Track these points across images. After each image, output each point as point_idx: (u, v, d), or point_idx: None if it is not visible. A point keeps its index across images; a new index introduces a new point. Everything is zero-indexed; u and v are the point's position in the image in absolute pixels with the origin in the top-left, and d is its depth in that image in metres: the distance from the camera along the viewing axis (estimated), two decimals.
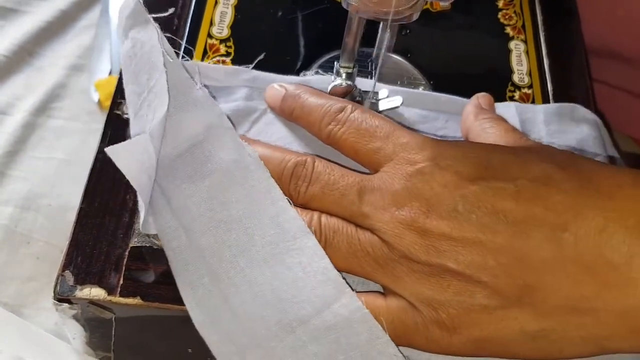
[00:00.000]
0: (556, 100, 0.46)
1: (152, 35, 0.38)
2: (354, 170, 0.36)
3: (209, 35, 0.46)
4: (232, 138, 0.36)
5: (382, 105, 0.42)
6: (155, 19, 0.38)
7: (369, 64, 0.45)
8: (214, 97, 0.39)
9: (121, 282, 0.35)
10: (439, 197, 0.32)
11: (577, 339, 0.31)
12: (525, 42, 0.48)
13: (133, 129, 0.38)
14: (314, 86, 0.42)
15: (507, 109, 0.43)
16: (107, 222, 0.37)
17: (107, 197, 0.38)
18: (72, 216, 0.37)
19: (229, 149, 0.36)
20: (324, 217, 0.34)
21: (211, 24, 0.46)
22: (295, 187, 0.35)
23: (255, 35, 0.46)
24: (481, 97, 0.42)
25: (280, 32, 0.47)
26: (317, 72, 0.45)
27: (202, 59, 0.44)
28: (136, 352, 0.41)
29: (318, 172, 0.35)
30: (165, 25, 0.46)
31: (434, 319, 0.32)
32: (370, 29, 0.39)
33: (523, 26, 0.49)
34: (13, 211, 0.49)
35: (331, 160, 0.37)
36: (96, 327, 0.37)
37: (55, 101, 0.55)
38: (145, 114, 0.37)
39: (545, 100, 0.46)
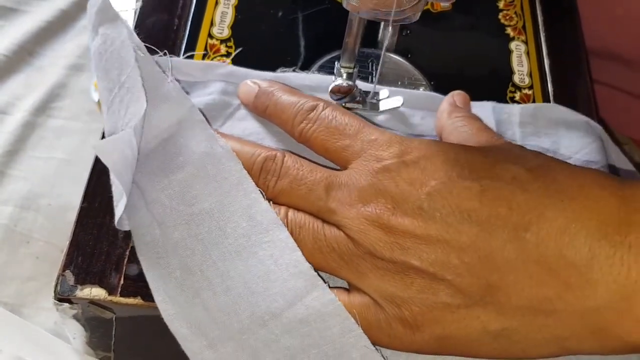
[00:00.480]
0: (556, 101, 0.46)
1: (121, 31, 0.38)
2: (326, 167, 0.36)
3: (210, 36, 0.46)
4: (203, 130, 0.37)
5: (383, 106, 0.42)
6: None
7: (370, 64, 0.45)
8: (186, 91, 0.40)
9: (122, 282, 0.35)
10: (405, 194, 0.32)
11: (540, 340, 0.31)
12: (525, 42, 0.48)
13: (106, 125, 0.38)
14: (291, 82, 0.42)
15: (483, 109, 0.43)
16: (107, 221, 0.37)
17: (107, 196, 0.37)
18: (72, 216, 0.37)
19: (200, 142, 0.36)
20: (290, 212, 0.34)
21: (212, 24, 0.46)
22: (264, 181, 0.35)
23: (256, 36, 0.47)
24: (456, 95, 0.42)
25: (280, 33, 0.47)
26: (318, 72, 0.45)
27: (203, 59, 0.44)
28: (136, 352, 0.41)
29: (287, 166, 0.35)
30: (166, 26, 0.46)
31: (397, 316, 0.32)
32: (371, 29, 0.39)
33: (524, 27, 0.49)
34: (13, 211, 0.49)
35: (303, 156, 0.37)
36: (96, 327, 0.37)
37: (55, 101, 0.55)
38: (118, 110, 0.37)
39: (546, 100, 0.46)
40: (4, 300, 0.45)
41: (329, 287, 0.33)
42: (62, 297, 0.35)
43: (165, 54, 0.40)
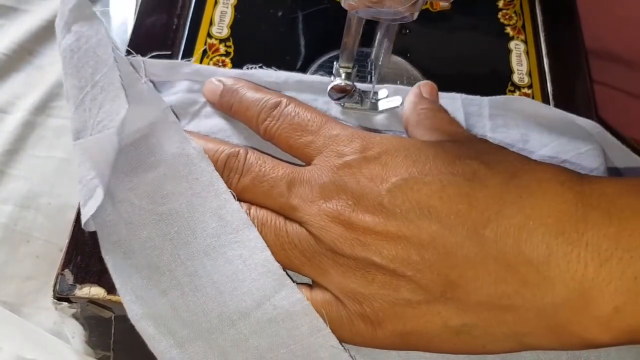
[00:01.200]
0: (555, 101, 0.46)
1: (98, 29, 0.38)
2: (294, 164, 0.36)
3: (209, 35, 0.46)
4: (176, 131, 0.37)
5: (382, 105, 0.42)
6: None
7: (368, 64, 0.45)
8: (159, 91, 0.40)
9: None
10: (365, 190, 0.32)
11: (499, 335, 0.31)
12: (525, 42, 0.48)
13: (73, 122, 0.38)
14: (259, 79, 0.42)
15: (453, 101, 0.43)
16: None
17: None
18: (71, 215, 0.37)
19: (173, 143, 0.36)
20: (253, 209, 0.35)
21: (211, 23, 0.46)
22: (227, 178, 0.35)
23: (255, 35, 0.47)
24: (422, 85, 0.41)
25: (280, 32, 0.47)
26: (318, 72, 0.45)
27: (202, 59, 0.45)
28: (135, 351, 0.41)
29: (250, 163, 0.35)
30: (166, 25, 0.46)
31: (359, 312, 0.32)
32: (370, 28, 0.39)
33: (523, 26, 0.49)
34: (13, 210, 0.49)
35: (269, 154, 0.37)
36: (95, 326, 0.37)
37: (55, 100, 0.55)
38: (89, 108, 0.37)
39: (545, 100, 0.46)
40: (4, 300, 0.45)
41: (297, 285, 0.33)
42: (61, 296, 0.35)
43: (132, 55, 0.40)
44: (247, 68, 0.43)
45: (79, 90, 0.38)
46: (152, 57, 0.42)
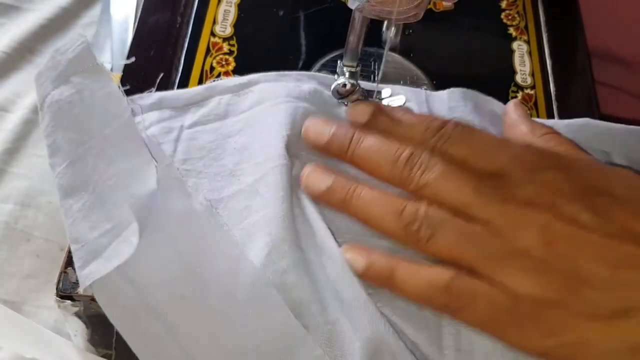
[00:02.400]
0: (558, 101, 0.46)
1: (106, 82, 0.37)
2: None
3: (212, 34, 0.46)
4: (180, 189, 0.36)
5: (385, 104, 0.42)
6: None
7: (372, 63, 0.45)
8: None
9: None
10: (562, 198, 0.32)
11: None
12: (528, 42, 0.48)
13: (65, 177, 0.36)
14: (225, 87, 0.41)
15: (417, 95, 0.43)
16: None
17: None
18: None
19: (178, 200, 0.35)
20: (432, 209, 0.34)
21: (214, 22, 0.46)
22: (409, 174, 0.34)
23: (258, 34, 0.47)
24: (517, 106, 0.41)
25: (283, 31, 0.47)
26: (321, 71, 0.45)
27: (205, 58, 0.45)
28: None
29: (434, 161, 0.34)
30: (169, 24, 0.46)
31: (532, 315, 0.31)
32: (374, 28, 0.39)
33: (526, 27, 0.49)
34: (13, 208, 0.48)
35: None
36: (98, 324, 0.37)
37: None
38: (93, 163, 0.36)
39: (548, 100, 0.46)
40: (4, 298, 0.44)
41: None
42: (64, 295, 0.35)
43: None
44: (213, 80, 0.43)
45: (76, 144, 0.36)
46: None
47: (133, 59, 0.42)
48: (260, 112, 0.40)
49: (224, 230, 0.35)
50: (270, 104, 0.40)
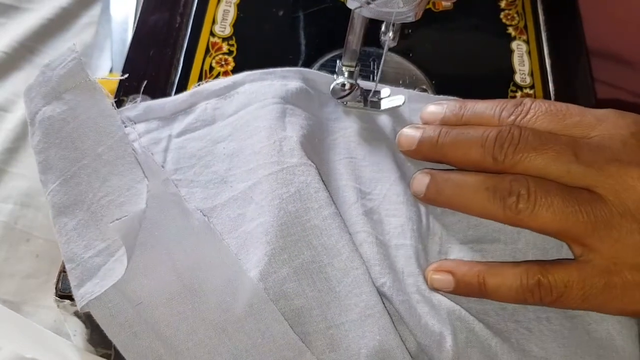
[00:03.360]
0: (557, 100, 0.46)
1: (99, 99, 0.37)
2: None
3: (212, 34, 0.46)
4: (178, 204, 0.36)
5: (384, 104, 0.42)
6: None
7: (371, 63, 0.45)
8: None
9: None
10: None
11: None
12: (527, 42, 0.48)
13: (57, 195, 0.36)
14: (210, 91, 0.41)
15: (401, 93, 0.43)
16: None
17: None
18: None
19: (175, 215, 0.35)
20: (531, 181, 0.33)
21: (214, 22, 0.46)
22: (500, 151, 0.34)
23: (258, 34, 0.47)
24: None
25: (282, 31, 0.47)
26: (319, 71, 0.45)
27: (205, 57, 0.45)
28: None
29: (526, 135, 0.34)
30: (168, 24, 0.46)
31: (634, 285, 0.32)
32: (373, 28, 0.39)
33: (525, 27, 0.49)
34: (13, 208, 0.48)
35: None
36: (97, 324, 0.37)
37: None
38: (87, 182, 0.35)
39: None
40: (4, 298, 0.45)
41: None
42: (64, 294, 0.35)
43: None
44: (197, 85, 0.42)
45: (70, 162, 0.36)
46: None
47: (127, 75, 0.41)
48: (247, 115, 0.40)
49: (222, 246, 0.35)
50: (257, 105, 0.40)
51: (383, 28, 0.41)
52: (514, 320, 0.36)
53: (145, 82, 0.42)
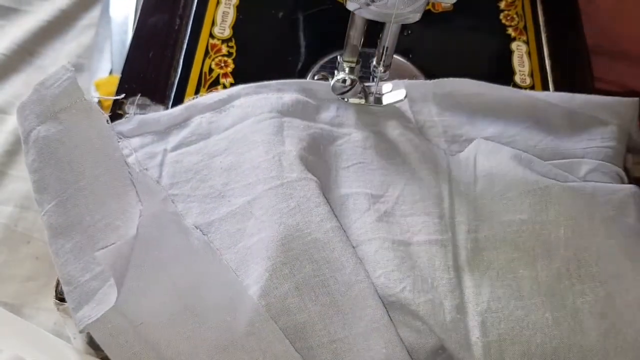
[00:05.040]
0: None
1: (95, 120, 0.36)
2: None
3: (211, 35, 0.46)
4: (177, 223, 0.36)
5: (386, 100, 0.42)
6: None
7: (371, 65, 0.45)
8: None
9: None
10: None
11: None
12: (527, 43, 0.48)
13: (53, 217, 0.35)
14: (204, 105, 0.40)
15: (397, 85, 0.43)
16: None
17: None
18: None
19: (175, 235, 0.35)
20: None
21: (213, 24, 0.46)
22: None
23: (257, 36, 0.47)
24: None
25: (281, 33, 0.47)
26: (319, 72, 0.45)
27: (204, 59, 0.44)
28: None
29: None
30: (168, 25, 0.46)
31: None
32: (373, 28, 0.39)
33: (525, 27, 0.49)
34: (13, 210, 0.48)
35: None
36: None
37: None
38: (84, 204, 0.35)
39: None
40: (4, 300, 0.45)
41: None
42: (64, 297, 0.35)
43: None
44: (190, 99, 0.42)
45: (66, 183, 0.35)
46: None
47: (123, 95, 0.41)
48: (244, 129, 0.39)
49: (222, 265, 0.34)
50: (253, 120, 0.39)
51: (374, 62, 0.41)
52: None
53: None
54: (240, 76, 0.44)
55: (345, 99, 0.42)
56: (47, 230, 0.35)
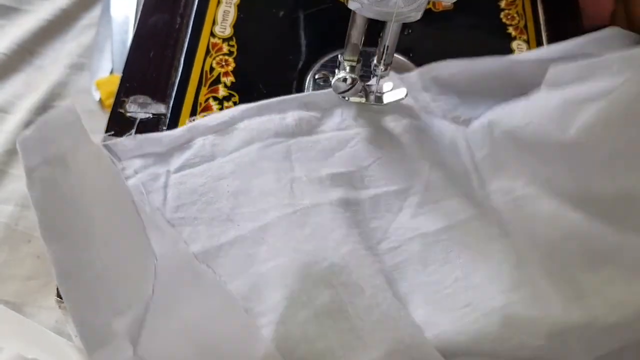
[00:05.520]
0: None
1: (106, 165, 0.36)
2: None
3: (212, 34, 0.46)
4: (187, 263, 0.35)
5: (387, 98, 0.42)
6: None
7: (372, 64, 0.45)
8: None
9: None
10: None
11: None
12: (527, 42, 0.48)
13: (68, 257, 0.34)
14: (206, 127, 0.40)
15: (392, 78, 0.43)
16: None
17: None
18: None
19: (186, 276, 0.35)
20: None
21: (214, 22, 0.46)
22: None
23: (258, 35, 0.47)
24: None
25: (282, 32, 0.47)
26: (319, 71, 0.45)
27: (205, 58, 0.45)
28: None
29: None
30: (169, 24, 0.46)
31: None
32: (374, 27, 0.39)
33: (525, 26, 0.49)
34: (14, 209, 0.48)
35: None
36: None
37: (56, 100, 0.55)
38: (94, 245, 0.34)
39: None
40: (5, 299, 0.45)
41: None
42: None
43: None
44: (190, 120, 0.41)
45: (73, 223, 0.35)
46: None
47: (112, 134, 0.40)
48: (250, 154, 0.39)
49: (236, 306, 0.34)
50: (259, 145, 0.39)
51: (375, 61, 0.41)
52: None
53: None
54: (241, 75, 0.44)
55: (346, 98, 0.42)
56: (55, 269, 0.34)
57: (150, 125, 0.41)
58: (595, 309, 0.34)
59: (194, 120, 0.41)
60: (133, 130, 0.40)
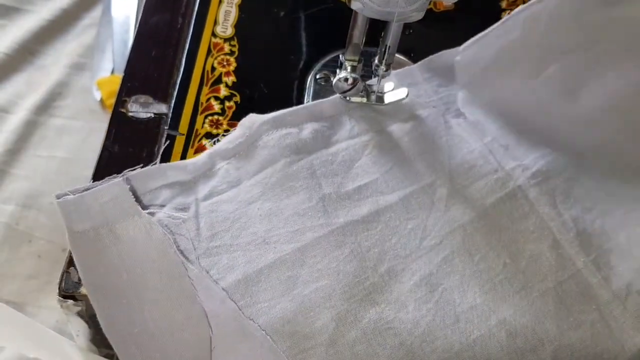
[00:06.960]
0: None
1: (157, 237, 0.35)
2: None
3: (213, 34, 0.46)
4: (236, 320, 0.35)
5: (388, 98, 0.42)
6: None
7: (373, 65, 0.45)
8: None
9: None
10: None
11: None
12: None
13: (123, 320, 0.34)
14: (219, 151, 0.40)
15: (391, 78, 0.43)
16: None
17: None
18: None
19: (236, 337, 0.35)
20: None
21: (215, 22, 0.47)
22: None
23: (259, 34, 0.47)
24: None
25: (283, 32, 0.47)
26: (321, 70, 0.45)
27: (207, 58, 0.45)
28: None
29: None
30: (170, 24, 0.46)
31: None
32: (375, 26, 0.39)
33: None
34: (14, 209, 0.49)
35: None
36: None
37: (57, 100, 0.55)
38: (148, 312, 0.34)
39: None
40: (6, 299, 0.45)
41: None
42: (67, 294, 0.35)
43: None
44: (210, 144, 0.41)
45: (125, 293, 0.34)
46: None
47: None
48: (275, 174, 0.39)
49: (279, 357, 0.34)
50: (283, 163, 0.39)
51: (376, 61, 0.41)
52: None
53: (147, 83, 0.42)
54: (243, 75, 0.44)
55: (347, 98, 0.42)
56: (104, 323, 0.34)
57: (151, 125, 0.42)
58: None
59: (214, 143, 0.41)
60: (157, 160, 0.40)
